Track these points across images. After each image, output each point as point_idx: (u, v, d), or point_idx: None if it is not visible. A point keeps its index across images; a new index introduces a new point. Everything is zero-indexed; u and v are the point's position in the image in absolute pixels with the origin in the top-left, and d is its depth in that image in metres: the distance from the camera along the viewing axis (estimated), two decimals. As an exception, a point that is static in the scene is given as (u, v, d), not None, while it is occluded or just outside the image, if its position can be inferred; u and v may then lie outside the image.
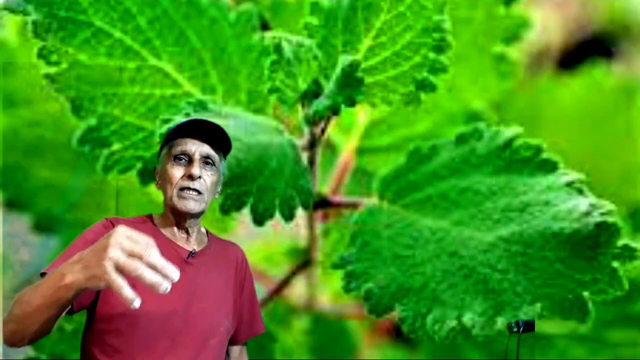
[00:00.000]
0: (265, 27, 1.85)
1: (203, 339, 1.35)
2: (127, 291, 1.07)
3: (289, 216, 1.68)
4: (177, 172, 1.37)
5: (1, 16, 1.96)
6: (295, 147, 1.73)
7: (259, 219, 1.66)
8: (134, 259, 1.08)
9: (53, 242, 2.10)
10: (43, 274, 1.28)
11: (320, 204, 1.85)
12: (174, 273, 1.10)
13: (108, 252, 1.08)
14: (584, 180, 1.65)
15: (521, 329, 1.51)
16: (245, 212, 1.66)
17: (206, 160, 1.39)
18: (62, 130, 1.93)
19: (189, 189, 1.37)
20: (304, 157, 1.76)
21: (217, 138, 1.40)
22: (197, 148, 1.38)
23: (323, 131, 1.75)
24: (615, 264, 1.55)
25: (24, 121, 2.06)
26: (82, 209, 2.07)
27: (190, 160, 1.38)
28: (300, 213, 1.74)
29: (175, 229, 1.41)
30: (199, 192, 1.37)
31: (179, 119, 1.59)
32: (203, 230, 1.46)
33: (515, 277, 1.59)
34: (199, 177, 1.37)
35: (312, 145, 1.77)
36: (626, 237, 1.57)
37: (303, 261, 2.04)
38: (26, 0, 1.68)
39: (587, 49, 2.34)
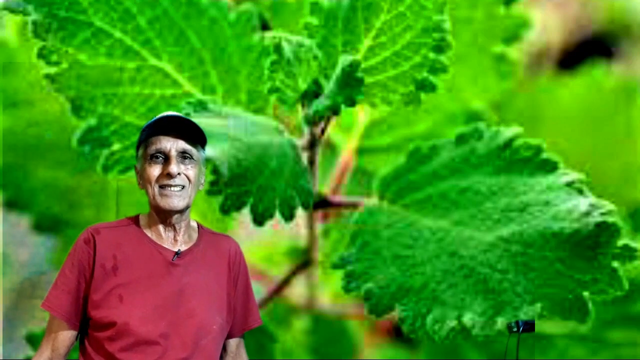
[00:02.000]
0: (265, 27, 1.85)
1: (194, 339, 1.34)
2: None
3: (289, 216, 1.68)
4: (155, 171, 1.36)
5: (1, 16, 1.96)
6: (295, 147, 1.73)
7: (259, 219, 1.66)
8: None
9: (53, 242, 2.10)
10: (44, 309, 1.36)
11: (320, 204, 1.85)
12: None
13: None
14: (584, 180, 1.65)
15: (521, 329, 1.51)
16: (245, 212, 1.66)
17: (183, 155, 1.37)
18: (62, 130, 1.93)
19: (169, 186, 1.35)
20: (304, 157, 1.76)
21: (190, 131, 1.38)
22: (172, 144, 1.36)
23: (323, 131, 1.75)
24: (615, 264, 1.55)
25: (24, 121, 2.05)
26: (82, 209, 2.07)
27: (167, 158, 1.36)
28: (300, 213, 1.73)
29: (161, 228, 1.39)
30: (182, 187, 1.36)
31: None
32: (194, 224, 1.44)
33: (515, 277, 1.59)
34: (179, 173, 1.36)
35: (312, 145, 1.77)
36: (626, 237, 1.57)
37: (303, 261, 2.04)
38: (26, 0, 1.67)
39: (587, 49, 2.34)
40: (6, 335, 2.05)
